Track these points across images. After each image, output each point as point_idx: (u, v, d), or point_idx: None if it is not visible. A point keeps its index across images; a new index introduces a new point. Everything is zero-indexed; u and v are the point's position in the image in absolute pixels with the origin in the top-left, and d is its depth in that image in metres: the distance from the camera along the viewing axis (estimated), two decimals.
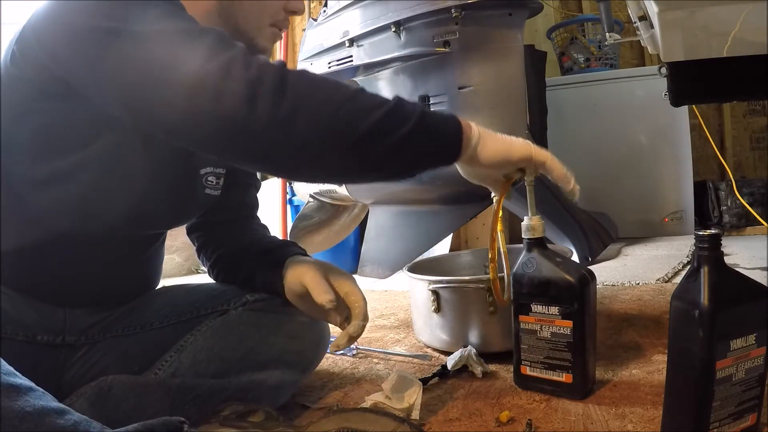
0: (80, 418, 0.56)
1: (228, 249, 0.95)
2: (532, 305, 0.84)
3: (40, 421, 0.52)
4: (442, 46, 1.09)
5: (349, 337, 0.78)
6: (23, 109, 0.70)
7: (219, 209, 0.95)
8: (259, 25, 0.82)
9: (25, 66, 0.69)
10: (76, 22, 0.64)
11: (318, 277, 0.81)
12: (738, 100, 2.66)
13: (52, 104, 0.69)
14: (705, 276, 0.60)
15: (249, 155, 0.66)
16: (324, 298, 0.78)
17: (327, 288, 0.80)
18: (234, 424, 0.69)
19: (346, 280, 0.83)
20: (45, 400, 0.55)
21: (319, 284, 0.80)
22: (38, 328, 0.74)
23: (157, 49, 0.63)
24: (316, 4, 2.46)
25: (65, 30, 0.65)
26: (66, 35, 0.65)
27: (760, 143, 2.94)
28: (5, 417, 0.51)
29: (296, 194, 2.35)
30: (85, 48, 0.64)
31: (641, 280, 1.66)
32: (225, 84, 0.61)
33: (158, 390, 0.76)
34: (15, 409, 0.52)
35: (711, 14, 0.75)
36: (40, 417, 0.53)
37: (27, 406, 0.52)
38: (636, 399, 0.81)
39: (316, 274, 0.81)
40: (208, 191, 0.89)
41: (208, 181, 0.89)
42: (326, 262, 0.87)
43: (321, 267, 0.84)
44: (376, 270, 1.32)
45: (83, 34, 0.64)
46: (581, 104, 2.62)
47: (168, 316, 0.86)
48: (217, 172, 0.90)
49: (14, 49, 0.69)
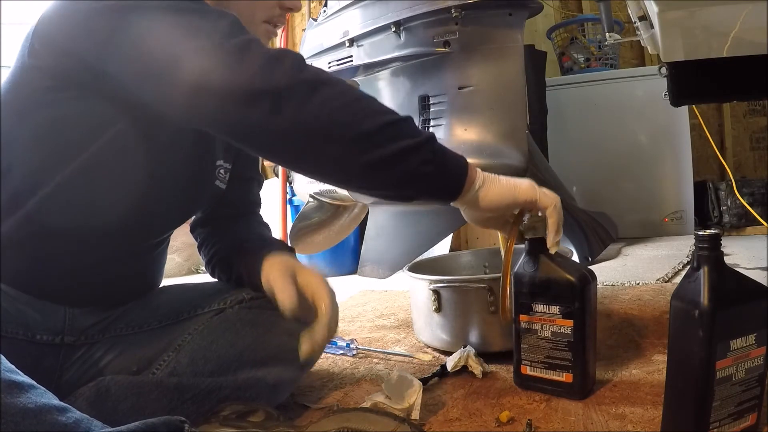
0: (81, 416, 0.56)
1: (224, 246, 0.95)
2: (533, 304, 0.84)
3: (42, 418, 0.53)
4: (442, 46, 1.09)
5: (313, 345, 0.74)
6: (38, 99, 0.71)
7: (221, 205, 0.95)
8: (252, 21, 0.82)
9: (45, 55, 0.70)
10: (96, 3, 0.67)
11: (282, 277, 0.78)
12: (738, 100, 2.66)
13: (70, 93, 0.71)
14: (705, 276, 0.60)
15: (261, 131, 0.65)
16: (285, 303, 0.75)
17: (290, 291, 0.76)
18: (234, 424, 0.69)
19: (314, 280, 0.78)
20: (47, 398, 0.55)
21: (282, 286, 0.77)
22: (38, 328, 0.74)
23: (175, 25, 0.65)
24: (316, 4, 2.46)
25: (87, 10, 0.67)
26: (86, 15, 0.67)
27: (760, 143, 2.94)
28: (7, 413, 0.51)
29: (296, 194, 2.34)
30: (104, 25, 0.66)
31: (641, 280, 1.66)
32: (244, 59, 0.63)
33: (156, 390, 0.76)
34: (17, 405, 0.52)
35: (711, 14, 0.75)
36: (41, 414, 0.53)
37: (29, 403, 0.52)
38: (636, 399, 0.81)
39: (280, 274, 0.79)
40: (218, 183, 0.90)
41: (220, 174, 0.90)
42: (293, 260, 0.83)
43: (287, 265, 0.80)
44: (376, 270, 1.31)
45: (102, 10, 0.66)
46: (581, 104, 2.62)
47: (166, 315, 0.86)
48: (226, 166, 0.91)
49: (32, 41, 0.71)
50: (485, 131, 1.08)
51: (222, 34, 0.64)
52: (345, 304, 1.72)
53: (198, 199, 0.90)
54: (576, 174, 2.54)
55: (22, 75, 0.73)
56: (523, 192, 0.75)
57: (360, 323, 1.45)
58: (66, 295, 0.77)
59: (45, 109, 0.71)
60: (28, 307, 0.73)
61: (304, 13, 2.72)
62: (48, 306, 0.76)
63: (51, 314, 0.76)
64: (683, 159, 2.53)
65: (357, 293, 1.88)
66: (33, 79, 0.71)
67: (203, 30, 0.64)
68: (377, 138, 0.66)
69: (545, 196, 0.76)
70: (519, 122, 1.09)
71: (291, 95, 0.63)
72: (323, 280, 0.80)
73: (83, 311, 0.79)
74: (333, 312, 0.77)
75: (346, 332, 1.36)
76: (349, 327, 1.42)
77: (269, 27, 0.84)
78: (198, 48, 0.63)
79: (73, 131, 0.72)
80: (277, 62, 0.64)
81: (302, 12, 2.73)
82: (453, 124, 1.10)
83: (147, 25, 0.65)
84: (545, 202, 0.76)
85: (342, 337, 1.19)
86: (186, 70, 0.63)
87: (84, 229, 0.75)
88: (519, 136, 1.07)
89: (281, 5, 0.83)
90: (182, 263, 2.70)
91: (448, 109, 1.11)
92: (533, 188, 0.76)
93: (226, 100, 0.63)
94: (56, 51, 0.69)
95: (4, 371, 0.53)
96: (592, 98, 2.59)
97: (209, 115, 0.65)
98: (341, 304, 1.70)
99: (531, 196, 0.75)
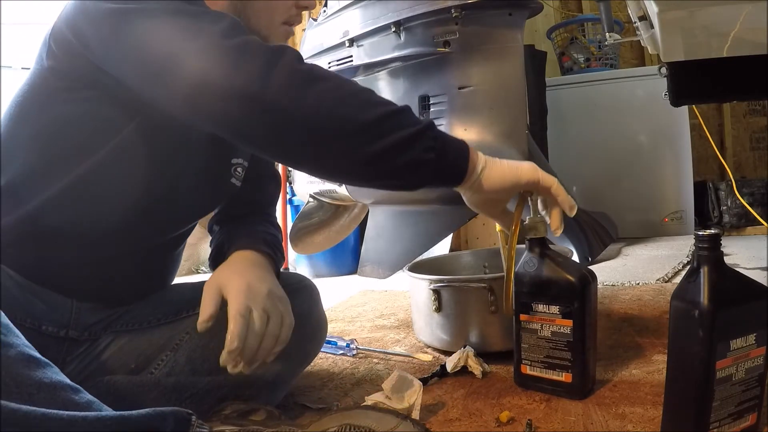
0: (93, 399, 0.57)
1: (221, 241, 0.95)
2: (533, 304, 0.84)
3: (57, 395, 0.53)
4: (442, 46, 1.09)
5: (222, 361, 0.70)
6: (55, 98, 0.73)
7: (236, 203, 0.96)
8: (272, 23, 0.83)
9: (61, 57, 0.72)
10: (101, 4, 0.68)
11: (206, 291, 0.75)
12: (738, 100, 2.66)
13: (84, 93, 0.72)
14: (705, 276, 0.61)
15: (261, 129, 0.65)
16: (200, 317, 0.72)
17: (207, 306, 0.73)
18: (236, 423, 0.69)
19: (232, 294, 0.73)
20: (61, 377, 0.56)
21: (203, 301, 0.74)
22: (45, 318, 0.75)
23: (175, 27, 0.66)
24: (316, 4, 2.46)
25: (93, 12, 0.69)
26: (93, 17, 0.69)
27: (760, 143, 2.94)
28: (23, 384, 0.52)
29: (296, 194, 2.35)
30: (108, 27, 0.67)
31: (641, 280, 1.66)
32: (243, 57, 0.63)
33: (155, 389, 0.76)
34: (33, 378, 0.53)
35: (711, 14, 0.75)
36: (56, 390, 0.54)
37: (44, 378, 0.53)
38: (636, 399, 0.81)
39: (206, 288, 0.75)
40: (234, 180, 0.90)
41: (236, 172, 0.90)
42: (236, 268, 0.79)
43: (216, 277, 0.77)
44: (376, 270, 1.31)
45: (106, 11, 0.68)
46: (581, 104, 2.62)
47: (166, 313, 0.86)
48: (244, 164, 0.92)
49: (50, 43, 0.73)
50: (485, 131, 1.08)
51: (221, 35, 0.65)
52: (345, 304, 1.72)
53: (213, 197, 0.91)
54: (576, 174, 2.54)
55: (41, 75, 0.74)
56: (525, 172, 0.75)
57: (360, 323, 1.45)
58: (74, 289, 0.78)
59: (60, 108, 0.73)
60: (36, 298, 0.74)
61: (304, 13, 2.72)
62: (56, 298, 0.76)
63: (58, 306, 0.77)
64: (683, 159, 2.53)
65: (357, 293, 1.88)
66: (50, 80, 0.73)
67: (203, 31, 0.65)
68: (377, 129, 0.66)
69: (546, 175, 0.76)
70: (519, 122, 1.10)
71: (289, 92, 0.64)
72: (244, 296, 0.73)
73: (90, 307, 0.80)
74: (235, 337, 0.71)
75: (346, 332, 1.36)
76: (349, 327, 1.42)
77: (287, 27, 0.85)
78: (197, 48, 0.64)
79: (87, 130, 0.74)
80: (275, 59, 0.64)
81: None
82: (453, 124, 1.10)
83: (149, 27, 0.66)
84: (548, 180, 0.76)
85: (342, 337, 1.19)
86: (186, 70, 0.64)
87: (95, 226, 0.76)
88: (519, 136, 1.07)
89: (297, 5, 0.84)
90: (182, 263, 2.69)
91: (448, 109, 1.11)
92: (535, 168, 0.76)
93: (225, 99, 0.63)
94: (70, 52, 0.71)
95: (22, 345, 0.54)
96: (592, 98, 2.59)
97: (210, 115, 0.66)
98: (341, 304, 1.72)
99: (533, 176, 0.75)
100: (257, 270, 0.80)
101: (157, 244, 0.86)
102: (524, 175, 0.75)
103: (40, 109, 0.74)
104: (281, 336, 0.75)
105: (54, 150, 0.74)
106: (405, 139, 0.67)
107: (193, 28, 0.66)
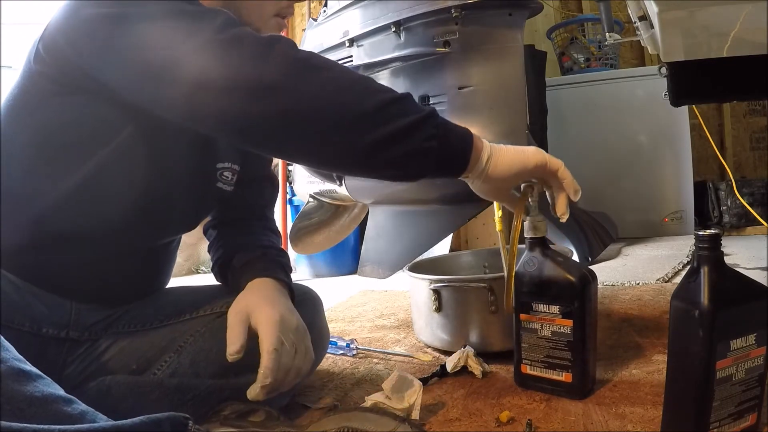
0: (87, 409, 0.56)
1: (225, 252, 0.95)
2: (533, 304, 0.84)
3: (48, 407, 0.53)
4: (442, 46, 1.09)
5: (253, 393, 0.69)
6: (46, 103, 0.73)
7: (230, 207, 0.95)
8: (263, 16, 0.83)
9: (50, 62, 0.71)
10: (92, 10, 0.68)
11: (234, 320, 0.74)
12: (738, 100, 2.66)
13: (77, 98, 0.72)
14: (705, 276, 0.60)
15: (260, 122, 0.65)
16: (229, 348, 0.71)
17: (237, 337, 0.72)
18: (234, 424, 0.69)
19: (264, 326, 0.72)
20: (53, 388, 0.55)
21: (231, 330, 0.73)
22: (44, 320, 0.75)
23: (169, 27, 0.65)
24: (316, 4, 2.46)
25: (84, 18, 0.68)
26: (84, 22, 0.68)
27: (760, 143, 2.94)
28: (13, 399, 0.51)
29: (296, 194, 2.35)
30: (100, 31, 0.67)
31: (641, 280, 1.66)
32: (238, 48, 0.63)
33: (157, 390, 0.76)
34: (23, 393, 0.52)
35: (711, 14, 0.75)
36: (47, 403, 0.53)
37: (36, 392, 0.53)
38: (636, 399, 0.81)
39: (234, 317, 0.75)
40: (220, 185, 0.90)
41: (224, 176, 0.90)
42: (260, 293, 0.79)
43: (244, 305, 0.76)
44: (376, 270, 1.31)
45: (99, 18, 0.67)
46: (581, 104, 2.62)
47: (168, 315, 0.87)
48: (233, 168, 0.91)
49: (38, 47, 0.72)
50: (485, 131, 1.08)
51: (215, 31, 0.65)
52: (345, 304, 1.72)
53: (200, 202, 0.90)
54: (576, 174, 2.49)
55: (30, 79, 0.74)
56: (532, 156, 0.75)
57: (360, 323, 1.45)
58: (73, 291, 0.78)
59: (53, 113, 0.73)
60: (35, 300, 0.74)
61: (304, 13, 2.72)
62: (55, 300, 0.76)
63: (57, 308, 0.77)
64: (683, 159, 2.53)
65: (357, 293, 1.88)
66: (40, 84, 0.73)
67: (198, 30, 0.65)
68: (378, 117, 0.65)
69: (553, 159, 0.76)
70: (519, 122, 1.09)
71: (287, 82, 0.63)
72: (274, 323, 0.73)
73: (89, 307, 0.80)
74: (268, 370, 0.70)
75: (346, 332, 1.36)
76: (349, 327, 1.42)
77: (279, 20, 0.85)
78: (194, 47, 0.64)
79: (80, 136, 0.73)
80: (270, 50, 0.64)
81: (302, 12, 2.73)
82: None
83: (143, 31, 0.65)
84: (555, 163, 0.76)
85: (342, 337, 1.19)
86: (182, 69, 0.64)
87: (90, 229, 0.76)
88: (519, 136, 1.07)
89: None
90: (182, 263, 2.70)
91: (448, 109, 1.11)
92: (541, 152, 0.76)
93: (223, 95, 0.63)
94: (61, 58, 0.70)
95: (12, 360, 0.54)
96: (592, 98, 2.59)
97: (209, 113, 0.65)
98: (341, 305, 1.72)
99: (541, 159, 0.75)
100: (284, 300, 0.80)
101: (149, 247, 0.86)
102: (531, 160, 0.75)
103: (31, 113, 0.74)
104: (303, 369, 0.76)
105: (49, 153, 0.74)
106: (407, 127, 0.66)
107: (187, 27, 0.65)
